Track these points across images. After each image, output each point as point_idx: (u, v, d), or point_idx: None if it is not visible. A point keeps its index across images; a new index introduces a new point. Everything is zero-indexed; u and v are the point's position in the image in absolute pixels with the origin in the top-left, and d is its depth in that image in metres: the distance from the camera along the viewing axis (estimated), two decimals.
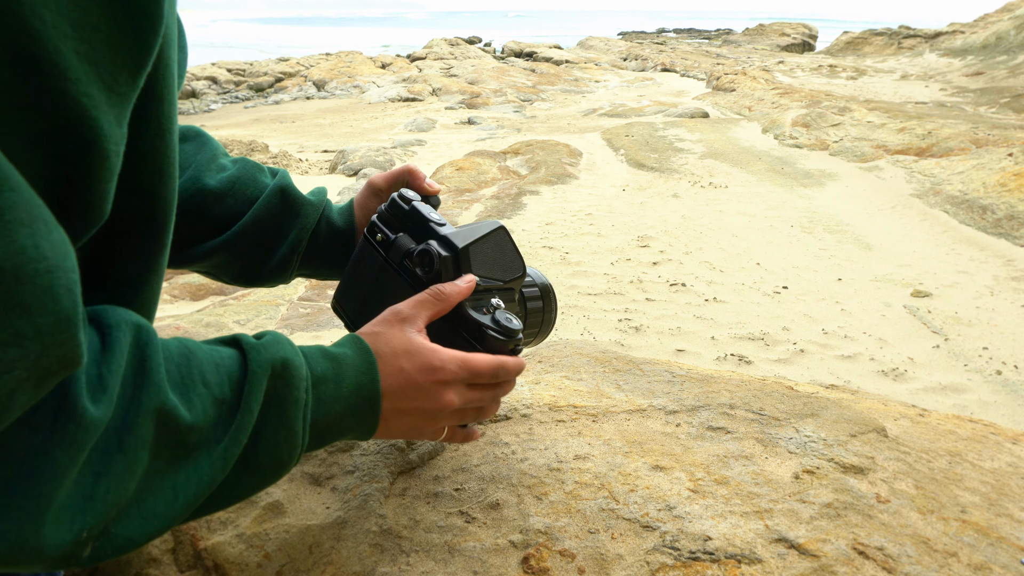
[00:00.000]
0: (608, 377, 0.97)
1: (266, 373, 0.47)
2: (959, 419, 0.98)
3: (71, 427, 0.35)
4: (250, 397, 0.46)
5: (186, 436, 0.42)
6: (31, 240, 0.30)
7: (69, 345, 0.33)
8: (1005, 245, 4.55)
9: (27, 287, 0.30)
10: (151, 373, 0.41)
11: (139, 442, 0.39)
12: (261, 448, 0.47)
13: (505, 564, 0.63)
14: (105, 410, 0.37)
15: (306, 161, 8.52)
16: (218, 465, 0.44)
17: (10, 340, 0.30)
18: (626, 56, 22.19)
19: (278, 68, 17.64)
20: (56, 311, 0.32)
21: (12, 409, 0.31)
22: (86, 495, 0.37)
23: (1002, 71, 12.85)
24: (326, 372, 0.52)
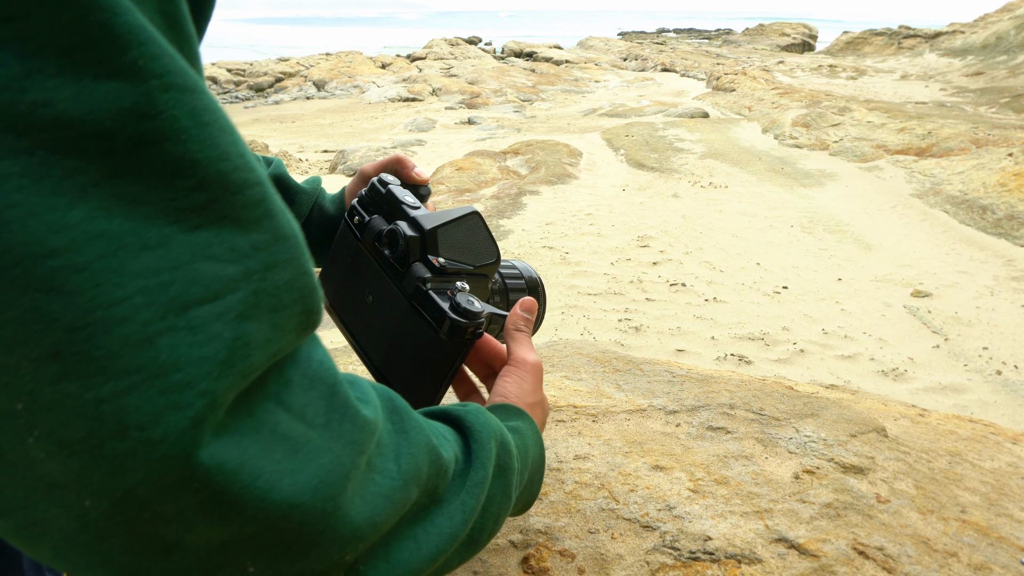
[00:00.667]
0: (608, 377, 0.97)
1: (492, 438, 0.45)
2: (959, 419, 0.98)
3: (347, 424, 0.32)
4: (483, 454, 0.43)
5: (440, 482, 0.39)
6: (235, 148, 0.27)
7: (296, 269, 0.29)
8: (1005, 245, 4.55)
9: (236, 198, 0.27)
10: (406, 407, 0.38)
11: (414, 472, 0.36)
12: (486, 519, 0.44)
13: (505, 564, 0.63)
14: (375, 415, 0.34)
15: (306, 161, 8.52)
16: (457, 519, 0.40)
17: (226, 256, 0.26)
18: (626, 56, 22.19)
19: (278, 68, 17.65)
20: (273, 228, 0.28)
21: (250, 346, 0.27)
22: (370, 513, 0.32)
23: (1002, 71, 12.85)
24: (521, 443, 0.51)
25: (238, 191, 0.27)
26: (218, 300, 0.26)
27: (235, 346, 0.26)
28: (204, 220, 0.26)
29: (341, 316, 0.68)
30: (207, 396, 0.25)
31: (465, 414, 0.46)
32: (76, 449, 0.23)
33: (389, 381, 0.62)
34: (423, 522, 0.38)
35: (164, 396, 0.24)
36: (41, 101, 0.22)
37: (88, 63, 0.23)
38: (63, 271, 0.22)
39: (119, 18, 0.23)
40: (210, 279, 0.25)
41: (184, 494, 0.25)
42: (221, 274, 0.26)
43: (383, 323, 0.63)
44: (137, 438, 0.24)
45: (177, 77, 0.25)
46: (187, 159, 0.25)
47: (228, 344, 0.26)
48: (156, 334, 0.24)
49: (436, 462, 0.38)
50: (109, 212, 0.24)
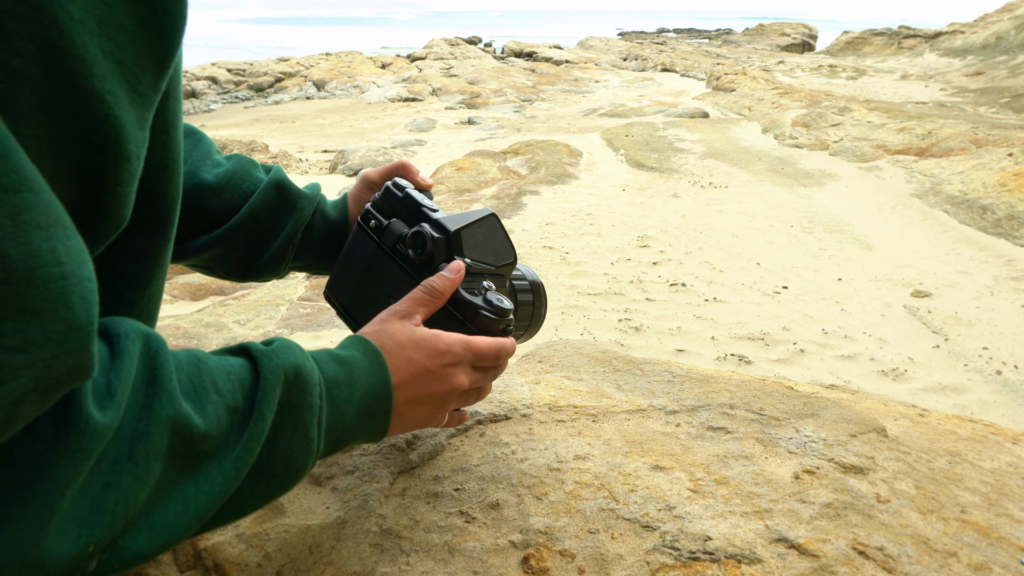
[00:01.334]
0: (608, 377, 0.97)
1: (279, 380, 0.46)
2: (959, 419, 0.98)
3: (75, 435, 0.33)
4: (263, 404, 0.45)
5: (199, 445, 0.41)
6: (47, 244, 0.29)
7: (80, 355, 0.32)
8: (1005, 245, 4.55)
9: (39, 291, 0.29)
10: (163, 381, 0.39)
11: (151, 452, 0.38)
12: (275, 456, 0.46)
13: (505, 564, 0.63)
14: (112, 417, 0.36)
15: (306, 161, 8.52)
16: (230, 474, 0.42)
17: (18, 346, 0.29)
18: (626, 56, 22.19)
19: (278, 68, 17.64)
20: (68, 319, 0.30)
21: (16, 420, 0.30)
22: (93, 506, 0.35)
23: (1002, 71, 12.85)
24: (338, 376, 0.51)
25: (42, 285, 0.29)
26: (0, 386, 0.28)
27: (4, 424, 0.29)
28: (4, 312, 0.28)
29: (357, 320, 0.68)
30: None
31: (261, 355, 0.47)
32: None
33: None
34: (195, 479, 0.41)
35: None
36: None
37: None
38: None
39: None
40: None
41: None
42: (8, 363, 0.28)
43: None
44: None
45: (4, 177, 0.27)
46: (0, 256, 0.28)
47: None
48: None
49: (183, 432, 0.40)
50: None
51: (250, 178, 0.73)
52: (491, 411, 0.85)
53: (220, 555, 0.66)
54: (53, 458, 0.32)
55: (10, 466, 0.31)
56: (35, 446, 0.32)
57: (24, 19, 0.28)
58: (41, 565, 0.33)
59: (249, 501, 0.46)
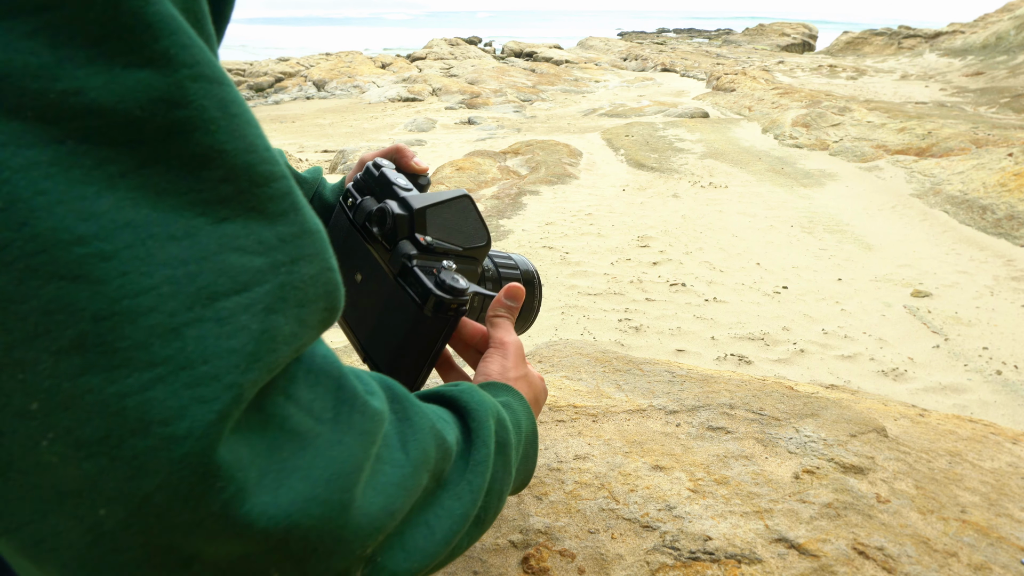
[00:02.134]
0: (608, 377, 0.97)
1: (490, 415, 0.45)
2: (959, 419, 0.98)
3: (356, 416, 0.31)
4: (483, 432, 0.43)
5: (447, 465, 0.39)
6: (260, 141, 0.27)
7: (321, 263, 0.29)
8: (1005, 245, 4.55)
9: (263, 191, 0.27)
10: (406, 394, 0.38)
11: (422, 458, 0.36)
12: (491, 497, 0.44)
13: (505, 564, 0.63)
14: (382, 405, 0.34)
15: (306, 161, 8.52)
16: (466, 499, 0.40)
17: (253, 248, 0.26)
18: (626, 56, 22.19)
19: (278, 68, 17.64)
20: (299, 221, 0.28)
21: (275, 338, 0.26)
22: (384, 504, 0.32)
23: (1002, 71, 12.85)
24: (514, 418, 0.51)
25: (265, 183, 0.27)
26: (245, 292, 0.25)
27: (262, 339, 0.26)
28: (231, 212, 0.26)
29: None
30: (234, 390, 0.25)
31: (459, 394, 0.46)
32: (94, 450, 0.22)
33: (373, 359, 0.63)
34: (433, 506, 0.38)
35: (190, 389, 0.24)
36: (72, 90, 0.22)
37: (120, 52, 0.23)
38: (90, 259, 0.22)
39: (152, 7, 0.23)
40: (237, 271, 0.25)
41: (204, 498, 0.24)
42: (249, 266, 0.26)
43: (370, 301, 0.63)
44: (160, 434, 0.23)
45: (206, 68, 0.25)
46: (215, 150, 0.25)
47: (255, 336, 0.25)
48: (183, 325, 0.24)
49: (442, 446, 0.38)
50: (137, 202, 0.24)
51: None
52: None
53: None
54: (342, 438, 0.30)
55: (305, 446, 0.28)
56: (319, 427, 0.29)
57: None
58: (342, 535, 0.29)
59: (463, 547, 0.43)
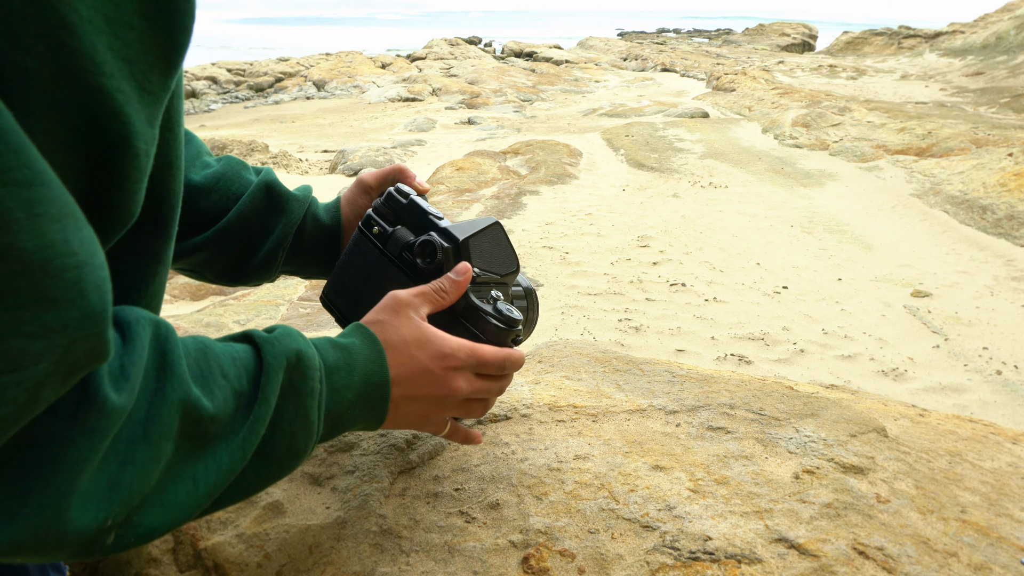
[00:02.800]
0: (608, 377, 0.97)
1: (281, 365, 0.48)
2: (959, 419, 0.98)
3: (93, 414, 0.35)
4: (267, 388, 0.47)
5: (207, 427, 0.43)
6: (61, 235, 0.31)
7: (96, 341, 0.33)
8: (1005, 245, 4.55)
9: (55, 281, 0.30)
10: (173, 366, 0.41)
11: (164, 432, 0.40)
12: (278, 438, 0.48)
13: (505, 564, 0.63)
14: (127, 399, 0.37)
15: (306, 161, 8.51)
16: (237, 455, 0.45)
17: (37, 333, 0.30)
18: (626, 56, 22.18)
19: (278, 68, 17.64)
20: (84, 306, 0.32)
21: (38, 402, 0.32)
22: (111, 483, 0.37)
23: (1002, 71, 12.85)
24: (337, 362, 0.53)
25: (57, 275, 0.30)
26: (20, 371, 0.30)
27: (26, 408, 0.31)
28: (22, 301, 0.29)
29: None
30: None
31: (263, 342, 0.49)
32: None
33: None
34: (203, 459, 0.43)
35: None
36: None
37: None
38: None
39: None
40: (17, 353, 0.30)
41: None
42: (28, 349, 0.30)
43: None
44: None
45: (18, 172, 0.28)
46: (15, 248, 0.29)
47: (20, 406, 0.31)
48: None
49: (193, 414, 0.42)
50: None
51: (239, 179, 0.73)
52: (491, 411, 0.85)
53: (220, 555, 0.66)
54: (72, 436, 0.34)
55: (31, 444, 0.33)
56: (55, 424, 0.34)
57: (33, 18, 0.29)
58: (64, 536, 0.35)
59: (252, 483, 0.48)
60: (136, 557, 0.69)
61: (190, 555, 0.67)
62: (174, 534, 0.70)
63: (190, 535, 0.69)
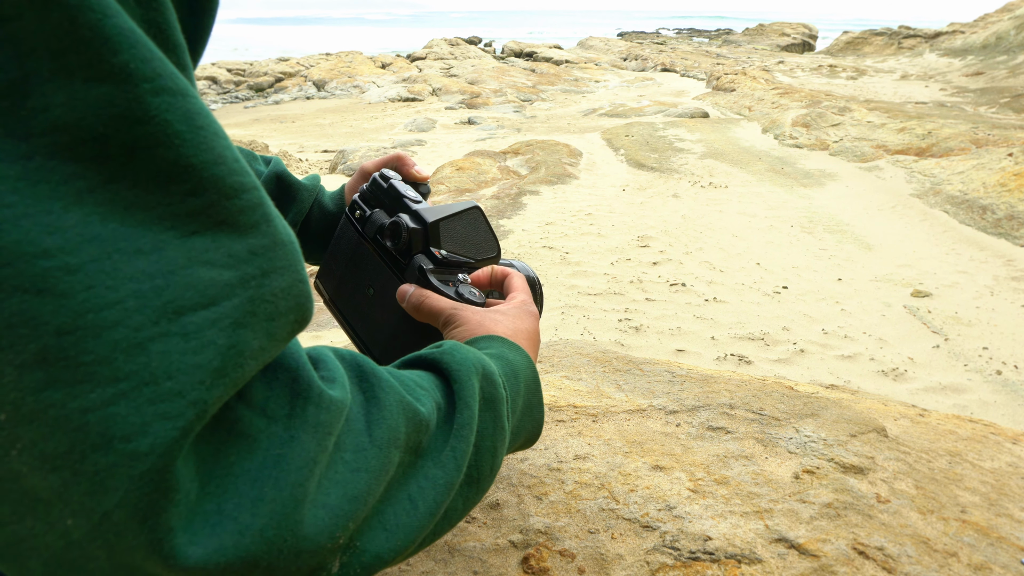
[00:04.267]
0: (608, 377, 0.97)
1: (473, 374, 0.44)
2: (959, 419, 0.98)
3: (311, 408, 0.31)
4: (464, 393, 0.42)
5: (423, 436, 0.39)
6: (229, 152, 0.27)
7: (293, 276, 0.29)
8: (1005, 245, 4.55)
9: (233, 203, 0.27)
10: (375, 372, 0.37)
11: (390, 437, 0.35)
12: (482, 458, 0.43)
13: (505, 564, 0.63)
14: (342, 394, 0.33)
15: (306, 161, 8.52)
16: (450, 467, 0.40)
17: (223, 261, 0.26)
18: (626, 56, 22.19)
19: (278, 68, 17.64)
20: (271, 233, 0.28)
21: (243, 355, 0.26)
22: (346, 494, 0.32)
23: (1002, 71, 12.85)
24: (508, 370, 0.50)
25: (234, 195, 0.27)
26: (213, 306, 0.25)
27: (229, 354, 0.26)
28: (200, 225, 0.26)
29: (341, 310, 0.69)
30: (198, 406, 0.25)
31: (440, 355, 0.45)
32: (58, 464, 0.23)
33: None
34: (415, 478, 0.37)
35: (153, 405, 0.23)
36: (40, 107, 0.22)
37: (79, 66, 0.23)
38: (55, 272, 0.22)
39: (109, 20, 0.23)
40: (205, 285, 0.25)
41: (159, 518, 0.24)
42: (217, 280, 0.26)
43: (383, 315, 0.63)
44: (121, 450, 0.23)
45: (168, 80, 0.25)
46: (181, 164, 0.25)
47: (222, 352, 0.25)
48: (148, 340, 0.24)
49: (413, 419, 0.38)
50: (104, 217, 0.24)
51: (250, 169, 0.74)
52: None
53: None
54: (295, 434, 0.30)
55: (253, 448, 0.29)
56: (272, 427, 0.29)
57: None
58: (298, 553, 0.29)
59: (460, 513, 0.42)
60: None
61: None
62: None
63: None
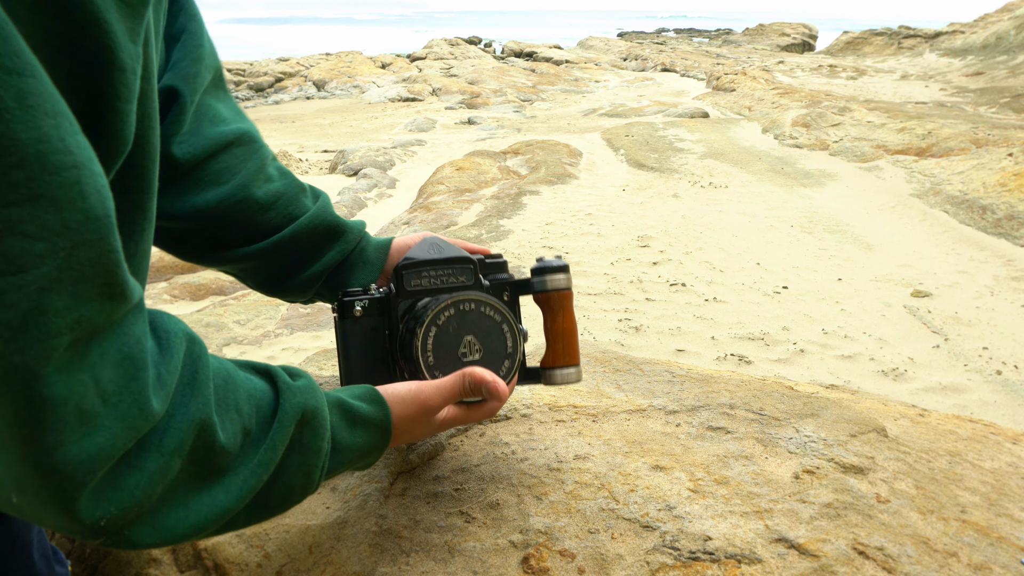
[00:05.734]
0: (608, 377, 0.97)
1: (294, 419, 0.48)
2: (959, 419, 0.98)
3: (134, 411, 0.35)
4: (276, 436, 0.46)
5: (215, 457, 0.42)
6: (56, 132, 0.29)
7: (101, 248, 0.31)
8: (1005, 245, 4.55)
9: (54, 178, 0.28)
10: (201, 386, 0.41)
11: (177, 448, 0.39)
12: (275, 490, 0.48)
13: (505, 564, 0.63)
14: (161, 408, 0.37)
15: (306, 161, 8.51)
16: (234, 495, 0.44)
17: (37, 233, 0.28)
18: (626, 56, 22.18)
19: (278, 68, 17.63)
20: (85, 209, 0.30)
21: (44, 313, 0.29)
22: (118, 484, 0.36)
23: (1002, 71, 12.85)
24: (343, 421, 0.53)
25: (55, 172, 0.28)
26: (21, 273, 0.28)
27: (31, 315, 0.29)
28: (19, 197, 0.28)
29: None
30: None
31: (285, 388, 0.48)
32: None
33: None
34: (199, 492, 0.42)
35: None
36: None
37: None
38: None
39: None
40: (16, 253, 0.28)
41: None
42: (28, 250, 0.28)
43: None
44: None
45: (6, 59, 0.27)
46: (8, 138, 0.27)
47: (24, 313, 0.29)
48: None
49: (206, 438, 0.41)
50: None
51: (297, 203, 0.75)
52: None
53: (220, 555, 0.66)
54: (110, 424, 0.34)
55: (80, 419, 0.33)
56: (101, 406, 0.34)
57: None
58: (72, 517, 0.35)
59: (240, 523, 0.47)
60: (136, 557, 0.69)
61: (190, 555, 0.67)
62: None
63: None
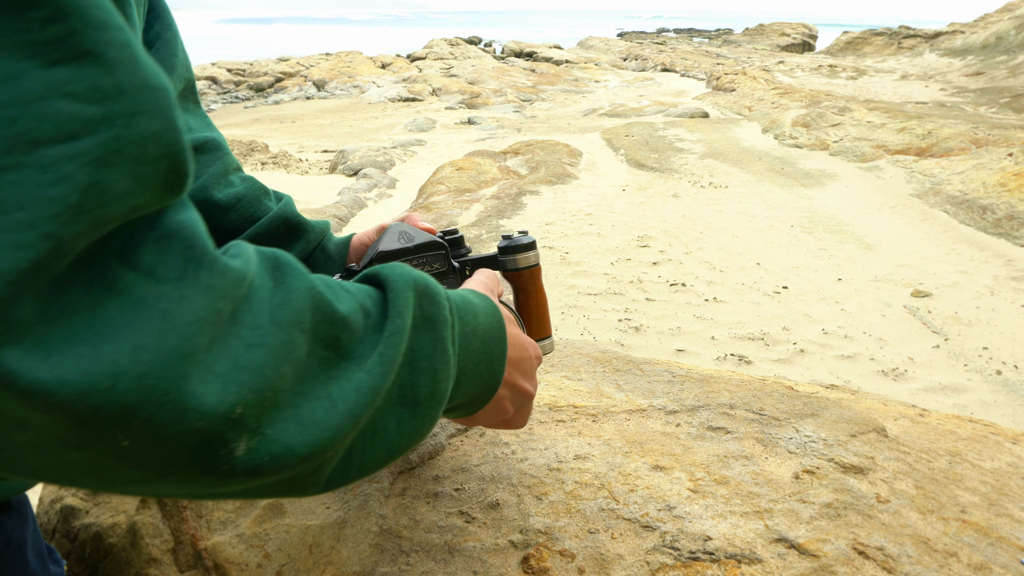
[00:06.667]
0: (608, 377, 0.97)
1: (409, 286, 0.42)
2: (959, 419, 0.98)
3: (204, 272, 0.29)
4: (398, 302, 0.40)
5: (340, 333, 0.37)
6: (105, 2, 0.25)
7: (166, 122, 0.27)
8: (1005, 245, 4.55)
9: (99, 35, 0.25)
10: (290, 262, 0.36)
11: (294, 320, 0.33)
12: (420, 380, 0.41)
13: (505, 564, 0.63)
14: (242, 264, 0.32)
15: (306, 161, 8.51)
16: (376, 372, 0.38)
17: (87, 94, 0.24)
18: (626, 56, 22.18)
19: (278, 68, 17.63)
20: (141, 74, 0.26)
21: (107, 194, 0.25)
22: (236, 364, 0.30)
23: (1002, 71, 12.85)
24: (461, 301, 0.48)
25: (101, 27, 0.25)
26: (73, 141, 0.24)
27: (89, 191, 0.24)
28: (63, 55, 0.24)
29: None
30: (51, 240, 0.23)
31: (381, 268, 0.43)
32: None
33: None
34: (337, 379, 0.36)
35: (3, 234, 0.23)
36: None
37: None
38: None
39: None
40: (65, 118, 0.24)
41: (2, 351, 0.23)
42: (79, 114, 0.24)
43: None
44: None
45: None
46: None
47: (81, 188, 0.24)
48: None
49: (324, 309, 0.36)
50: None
51: (258, 204, 0.76)
52: None
53: (220, 555, 0.66)
54: (184, 294, 0.28)
55: (136, 304, 0.27)
56: (160, 287, 0.28)
57: None
58: (184, 411, 0.28)
59: (395, 438, 0.41)
60: (136, 557, 0.69)
61: (190, 555, 0.67)
62: (174, 534, 0.70)
63: (190, 535, 0.69)
